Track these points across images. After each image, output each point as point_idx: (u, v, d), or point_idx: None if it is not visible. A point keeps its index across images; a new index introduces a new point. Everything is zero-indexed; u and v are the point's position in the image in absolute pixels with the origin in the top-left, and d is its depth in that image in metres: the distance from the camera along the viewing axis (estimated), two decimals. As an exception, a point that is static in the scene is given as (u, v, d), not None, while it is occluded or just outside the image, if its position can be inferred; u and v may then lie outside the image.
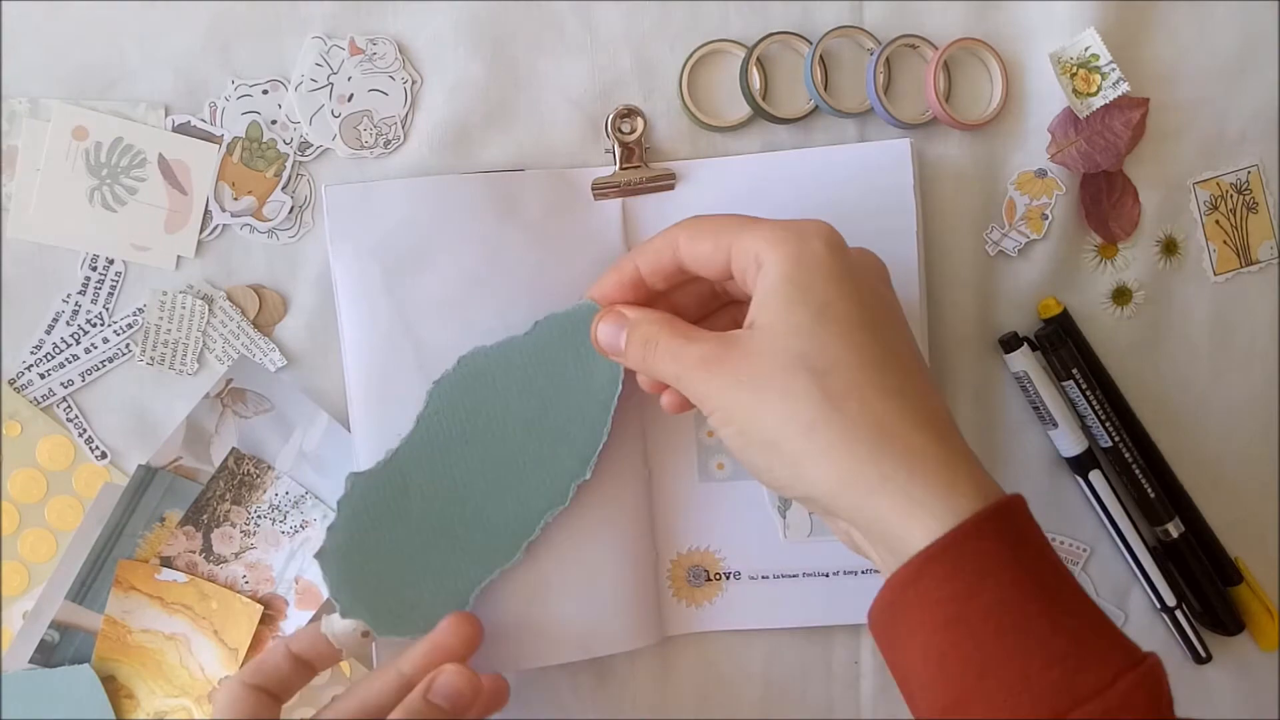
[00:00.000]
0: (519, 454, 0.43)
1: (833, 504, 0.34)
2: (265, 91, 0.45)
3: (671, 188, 0.45)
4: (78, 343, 0.45)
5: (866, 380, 0.34)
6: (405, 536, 0.43)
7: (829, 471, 0.33)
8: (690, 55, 0.46)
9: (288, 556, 0.46)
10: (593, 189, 0.45)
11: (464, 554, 0.43)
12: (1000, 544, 0.32)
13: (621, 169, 0.45)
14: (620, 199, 0.45)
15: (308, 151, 0.45)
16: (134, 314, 0.45)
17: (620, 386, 0.42)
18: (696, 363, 0.36)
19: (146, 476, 0.45)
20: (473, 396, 0.43)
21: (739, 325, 0.37)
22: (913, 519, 0.32)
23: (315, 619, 0.46)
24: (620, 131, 0.45)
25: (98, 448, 0.46)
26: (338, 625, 0.42)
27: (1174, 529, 0.48)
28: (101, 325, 0.45)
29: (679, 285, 0.40)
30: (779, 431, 0.34)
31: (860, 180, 0.45)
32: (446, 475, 0.43)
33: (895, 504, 0.32)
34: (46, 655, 0.45)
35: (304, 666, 0.42)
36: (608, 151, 0.46)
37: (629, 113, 0.46)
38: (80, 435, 0.46)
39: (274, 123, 0.45)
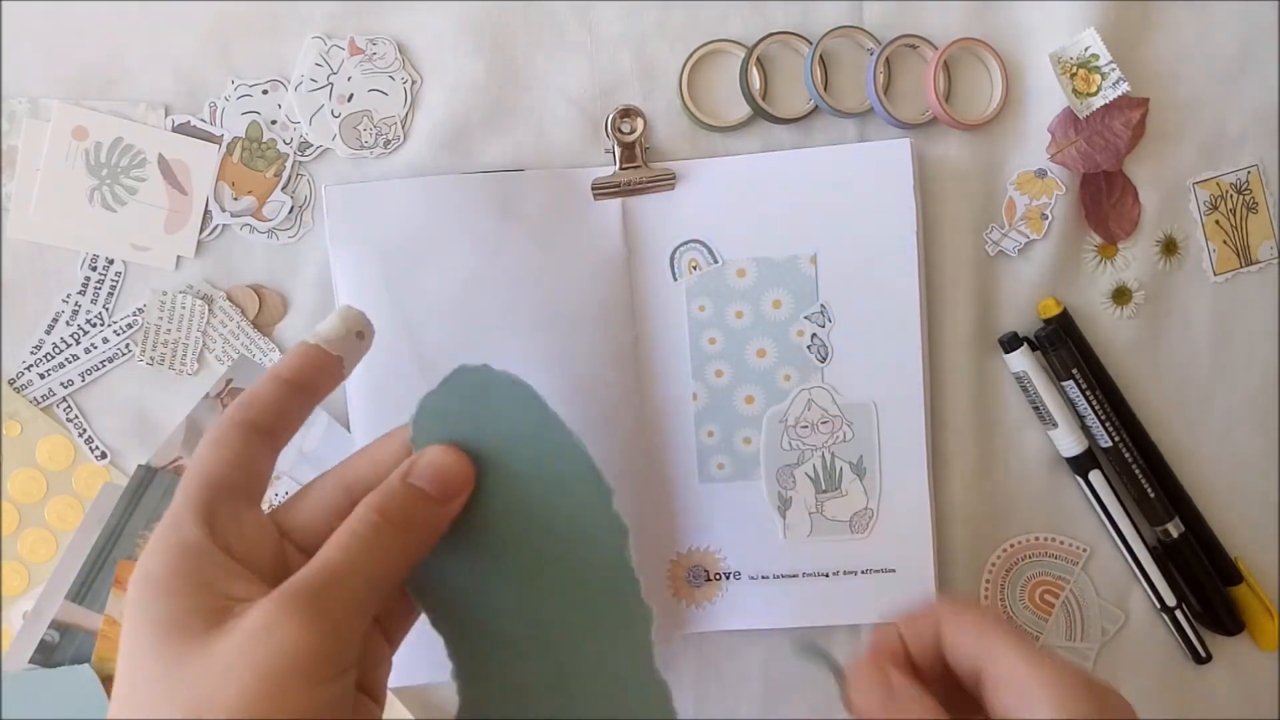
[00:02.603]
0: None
1: None
2: (265, 91, 0.45)
3: (671, 188, 0.45)
4: (78, 343, 0.45)
5: None
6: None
7: None
8: (690, 55, 0.46)
9: (288, 556, 0.46)
10: (593, 189, 0.45)
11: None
12: None
13: (621, 169, 0.45)
14: (620, 199, 0.45)
15: (308, 151, 0.45)
16: (134, 314, 0.45)
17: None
18: None
19: (146, 476, 0.45)
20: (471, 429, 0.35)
21: None
22: None
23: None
24: (620, 131, 0.45)
25: (98, 448, 0.46)
26: (324, 327, 0.35)
27: (1174, 529, 0.47)
28: (101, 325, 0.45)
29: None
30: None
31: (860, 180, 0.45)
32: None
33: None
34: (46, 655, 0.45)
35: (299, 391, 0.34)
36: (608, 151, 0.46)
37: (629, 113, 0.46)
38: (80, 435, 0.46)
39: (274, 123, 0.45)
